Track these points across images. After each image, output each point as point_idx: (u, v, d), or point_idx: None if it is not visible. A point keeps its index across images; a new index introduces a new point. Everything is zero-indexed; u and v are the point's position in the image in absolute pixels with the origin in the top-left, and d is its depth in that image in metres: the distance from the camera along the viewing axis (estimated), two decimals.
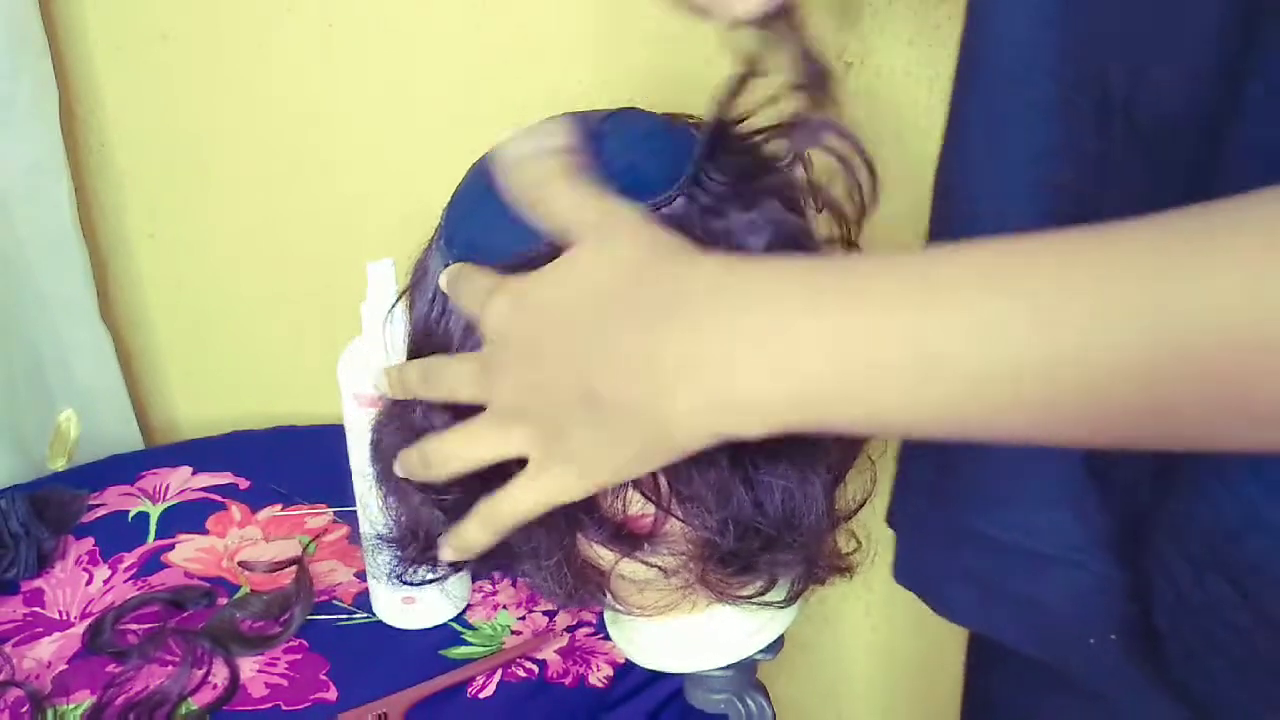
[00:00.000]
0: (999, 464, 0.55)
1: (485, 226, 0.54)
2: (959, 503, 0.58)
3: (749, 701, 0.67)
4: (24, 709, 0.75)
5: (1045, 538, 0.54)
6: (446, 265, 0.53)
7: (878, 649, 1.23)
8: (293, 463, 0.99)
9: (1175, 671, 0.50)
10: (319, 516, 0.93)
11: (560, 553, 0.56)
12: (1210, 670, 0.48)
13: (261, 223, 1.04)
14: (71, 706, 0.76)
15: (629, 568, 0.57)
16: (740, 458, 0.52)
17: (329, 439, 0.80)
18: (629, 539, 0.56)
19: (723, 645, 0.64)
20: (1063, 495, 0.53)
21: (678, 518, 0.54)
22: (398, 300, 0.61)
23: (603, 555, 0.57)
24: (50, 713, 0.75)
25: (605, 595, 0.61)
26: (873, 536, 0.64)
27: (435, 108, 0.95)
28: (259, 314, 1.08)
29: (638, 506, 0.55)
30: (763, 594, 0.59)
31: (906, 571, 0.63)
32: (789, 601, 0.61)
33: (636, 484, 0.52)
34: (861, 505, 0.59)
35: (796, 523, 0.54)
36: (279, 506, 0.95)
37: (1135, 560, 0.51)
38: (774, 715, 0.69)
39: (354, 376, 0.71)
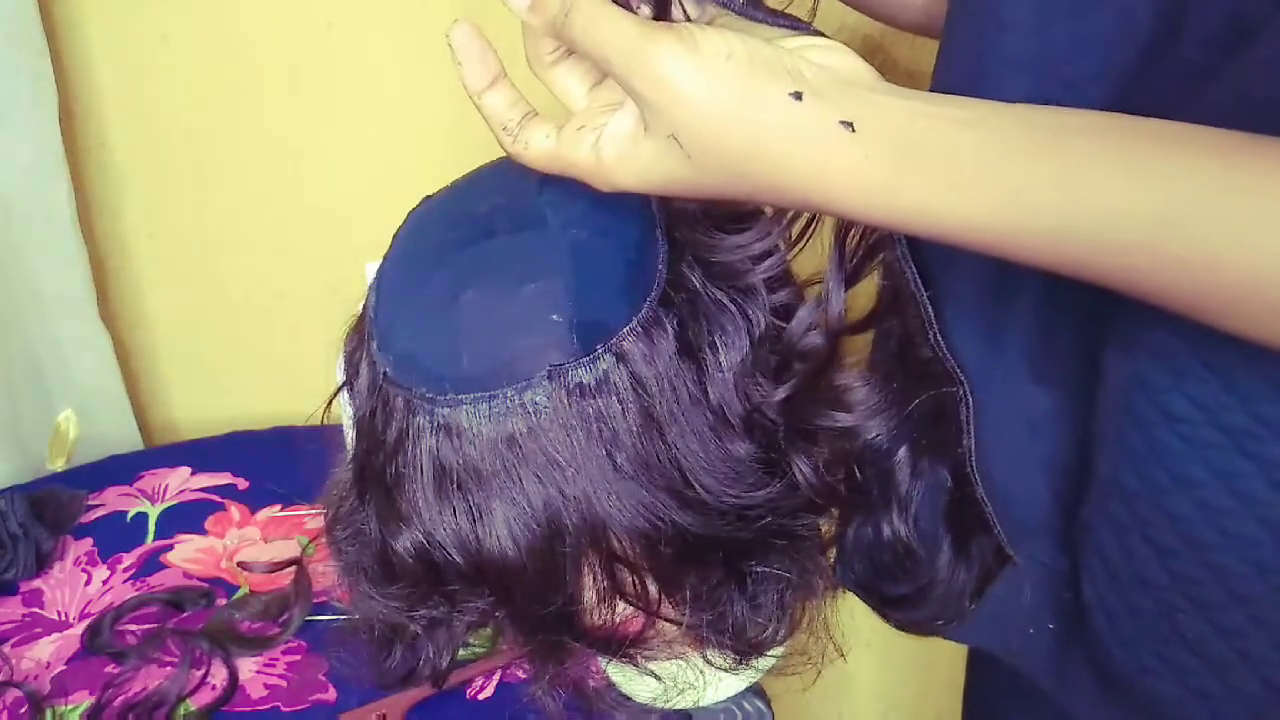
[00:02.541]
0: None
1: (421, 337, 0.50)
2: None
3: (747, 705, 0.67)
4: (23, 709, 0.75)
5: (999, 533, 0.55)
6: (383, 373, 0.51)
7: (878, 649, 1.23)
8: (292, 463, 0.98)
9: (1097, 645, 0.51)
10: (318, 517, 0.93)
11: (550, 674, 0.55)
12: (1127, 637, 0.50)
13: (261, 222, 1.03)
14: (70, 707, 0.76)
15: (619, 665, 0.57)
16: (734, 556, 0.51)
17: (328, 439, 0.80)
18: (620, 644, 0.55)
19: (724, 680, 0.64)
20: (1019, 490, 0.53)
21: (669, 620, 0.53)
22: (336, 394, 0.60)
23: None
24: (49, 713, 0.75)
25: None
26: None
27: (435, 107, 0.95)
28: (258, 314, 1.08)
29: (627, 612, 0.54)
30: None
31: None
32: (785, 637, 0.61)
33: (623, 593, 0.51)
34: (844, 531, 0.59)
35: (793, 612, 0.54)
36: (278, 507, 0.95)
37: (1073, 547, 0.52)
38: (773, 717, 0.69)
39: None
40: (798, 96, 0.39)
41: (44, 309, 0.98)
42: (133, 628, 0.82)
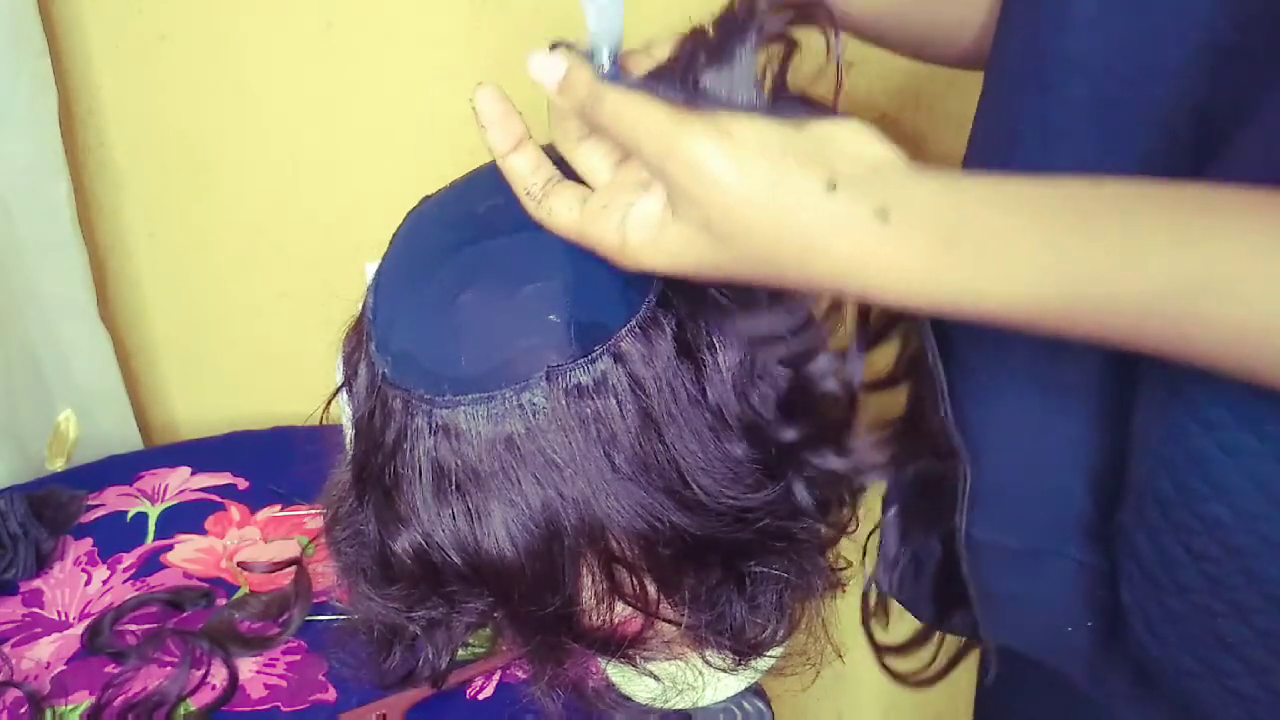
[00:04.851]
0: (984, 467, 0.55)
1: (419, 337, 0.50)
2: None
3: (747, 705, 0.67)
4: (23, 710, 0.75)
5: (1030, 534, 0.55)
6: (381, 374, 0.51)
7: None
8: (292, 463, 0.98)
9: (1136, 646, 0.51)
10: (318, 517, 0.93)
11: (549, 674, 0.55)
12: (1165, 639, 0.49)
13: (261, 222, 1.04)
14: (70, 707, 0.76)
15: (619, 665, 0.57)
16: (732, 557, 0.51)
17: (328, 440, 0.80)
18: (619, 644, 0.55)
19: (724, 680, 0.64)
20: (1050, 489, 0.53)
21: (668, 621, 0.53)
22: (335, 394, 0.60)
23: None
24: (49, 713, 0.75)
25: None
26: (869, 541, 0.63)
27: (434, 107, 0.95)
28: (258, 314, 1.08)
29: (626, 612, 0.54)
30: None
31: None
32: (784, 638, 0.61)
33: (621, 594, 0.51)
34: (848, 524, 0.59)
35: (792, 613, 0.54)
36: (278, 507, 0.95)
37: (1110, 546, 0.52)
38: (773, 717, 0.69)
39: None
40: (832, 186, 0.39)
41: (44, 309, 0.98)
42: (133, 628, 0.82)
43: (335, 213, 1.02)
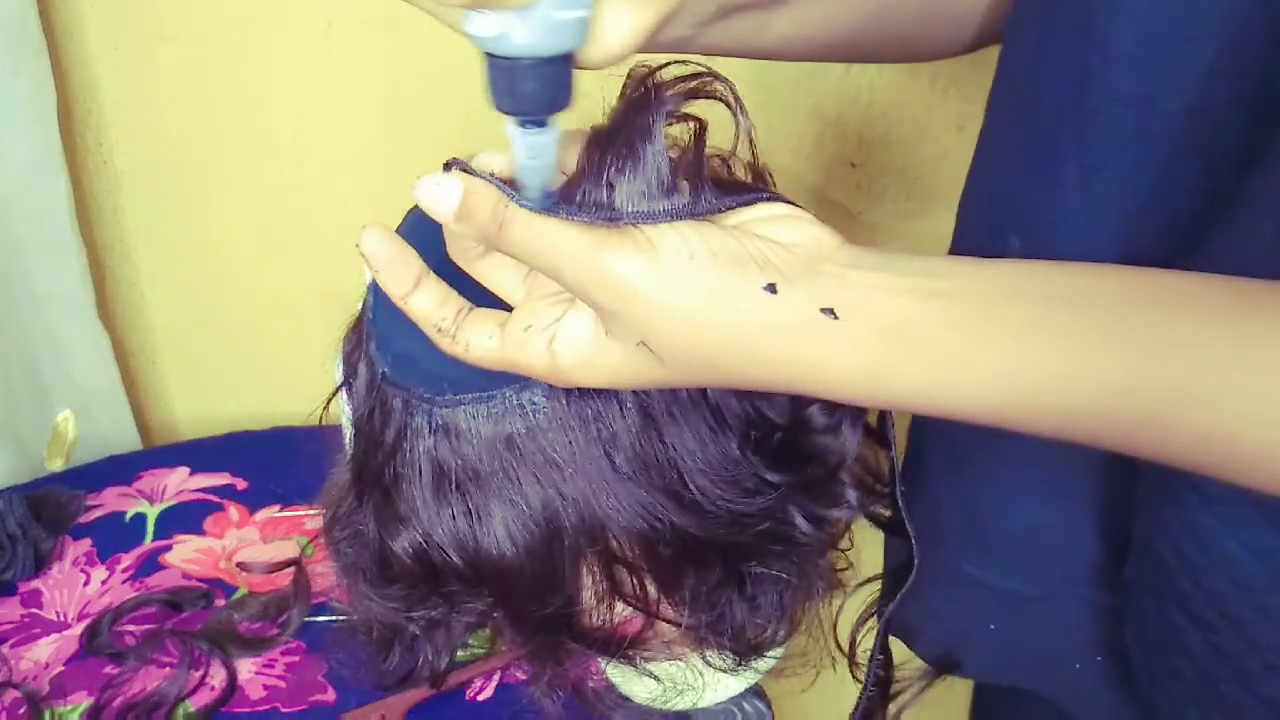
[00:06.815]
0: (992, 512, 0.54)
1: (420, 337, 0.49)
2: (951, 549, 0.57)
3: (747, 706, 0.67)
4: (21, 710, 0.75)
5: (1040, 579, 0.54)
6: (382, 373, 0.51)
7: None
8: (291, 463, 0.98)
9: (1145, 698, 0.51)
10: (317, 517, 0.93)
11: (548, 675, 0.55)
12: (1172, 697, 0.49)
13: (260, 223, 1.04)
14: (69, 708, 0.76)
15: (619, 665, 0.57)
16: (733, 558, 0.51)
17: (327, 440, 0.80)
18: (619, 644, 0.54)
19: (724, 681, 0.64)
20: (1063, 537, 0.53)
21: (668, 621, 0.53)
22: (334, 394, 0.60)
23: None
24: (48, 714, 0.75)
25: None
26: (868, 540, 0.63)
27: (435, 108, 0.95)
28: (257, 314, 1.08)
29: (626, 612, 0.53)
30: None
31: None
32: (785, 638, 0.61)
33: (622, 593, 0.51)
34: (849, 525, 0.59)
35: (793, 613, 0.53)
36: (277, 507, 0.95)
37: (1121, 589, 0.51)
38: (773, 718, 0.69)
39: None
40: (772, 289, 0.37)
41: (42, 309, 0.98)
42: (131, 628, 0.82)
43: (335, 212, 1.02)
